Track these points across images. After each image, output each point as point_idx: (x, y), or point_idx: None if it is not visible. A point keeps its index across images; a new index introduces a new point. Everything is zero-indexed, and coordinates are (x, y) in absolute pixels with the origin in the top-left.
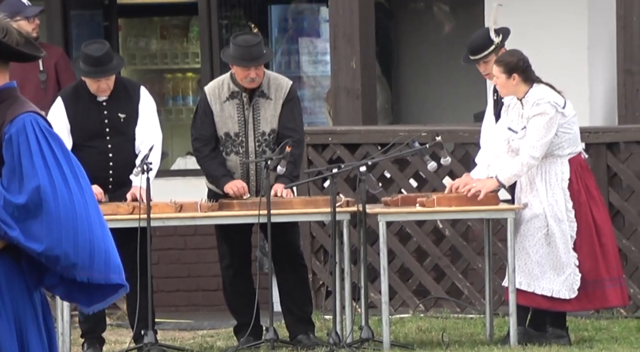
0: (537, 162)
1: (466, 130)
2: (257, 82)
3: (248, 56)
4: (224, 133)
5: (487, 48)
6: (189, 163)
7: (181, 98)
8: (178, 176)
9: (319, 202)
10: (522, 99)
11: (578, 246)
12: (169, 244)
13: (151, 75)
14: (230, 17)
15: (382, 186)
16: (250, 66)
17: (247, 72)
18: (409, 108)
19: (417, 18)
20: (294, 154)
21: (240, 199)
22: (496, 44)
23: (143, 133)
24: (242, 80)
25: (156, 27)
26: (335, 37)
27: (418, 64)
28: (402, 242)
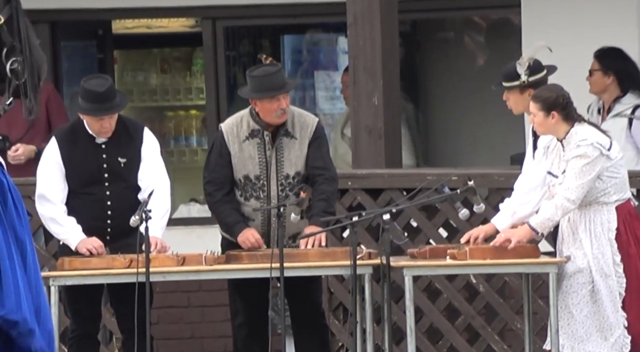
0: (573, 206)
1: (502, 174)
2: (286, 115)
3: (273, 85)
4: (243, 176)
5: (512, 80)
6: (192, 211)
7: (184, 138)
8: (180, 225)
9: (337, 254)
10: (562, 139)
11: (627, 305)
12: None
13: (150, 113)
14: (238, 49)
15: (408, 236)
16: (278, 95)
17: (276, 104)
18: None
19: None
20: (327, 192)
21: (256, 251)
22: (522, 81)
23: (148, 179)
24: (271, 114)
25: (156, 60)
26: (356, 70)
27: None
28: (431, 299)
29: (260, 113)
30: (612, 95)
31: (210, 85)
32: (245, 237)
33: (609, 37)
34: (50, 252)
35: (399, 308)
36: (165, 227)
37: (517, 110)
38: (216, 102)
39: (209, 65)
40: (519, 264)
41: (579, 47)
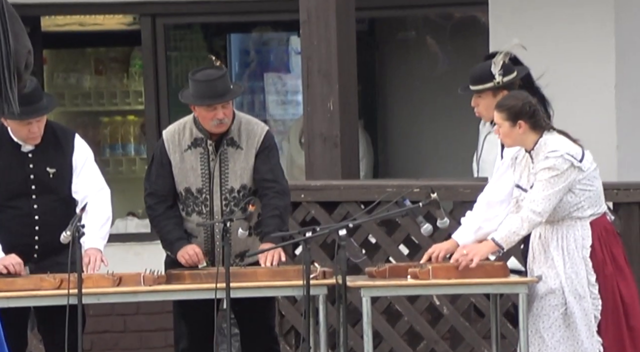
0: (539, 219)
1: (468, 186)
2: (226, 125)
3: (212, 93)
4: (184, 188)
5: (483, 82)
6: (130, 226)
7: (121, 146)
8: (117, 241)
9: (289, 273)
10: (531, 150)
11: (603, 329)
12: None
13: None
14: (180, 48)
15: (366, 254)
16: (216, 104)
17: (213, 113)
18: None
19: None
20: (279, 207)
21: (194, 269)
22: (496, 82)
23: (84, 190)
24: (208, 123)
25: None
26: (309, 72)
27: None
28: (391, 322)
29: (199, 120)
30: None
31: (150, 88)
32: (184, 251)
33: (583, 35)
34: None
35: (356, 332)
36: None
37: (488, 117)
38: (156, 107)
39: (148, 66)
40: (487, 284)
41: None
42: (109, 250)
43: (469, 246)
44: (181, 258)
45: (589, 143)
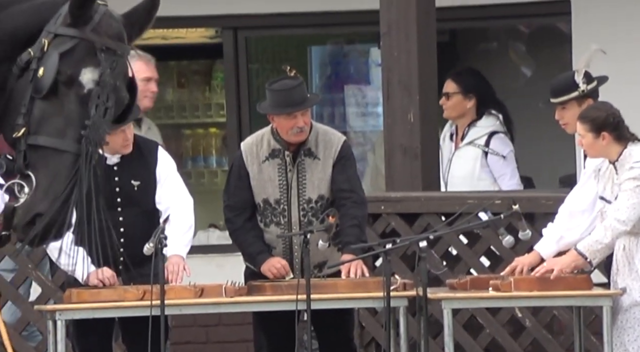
0: (623, 227)
1: (550, 198)
2: (305, 133)
3: (291, 101)
4: (262, 200)
5: (567, 92)
6: (211, 237)
7: (202, 159)
8: (199, 253)
9: (369, 284)
10: (615, 162)
11: None
12: (187, 337)
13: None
14: (261, 61)
15: (447, 265)
16: (295, 112)
17: (293, 121)
18: None
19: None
20: (358, 217)
21: (280, 281)
22: (581, 90)
23: (167, 201)
24: (288, 132)
25: (172, 73)
26: (389, 84)
27: None
28: (472, 334)
29: (278, 130)
30: (468, 120)
31: (232, 100)
32: (270, 264)
33: None
34: (57, 283)
35: (437, 344)
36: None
37: (574, 128)
38: (237, 119)
39: (230, 79)
40: (570, 296)
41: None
42: (191, 262)
43: (553, 259)
44: (268, 272)
45: None
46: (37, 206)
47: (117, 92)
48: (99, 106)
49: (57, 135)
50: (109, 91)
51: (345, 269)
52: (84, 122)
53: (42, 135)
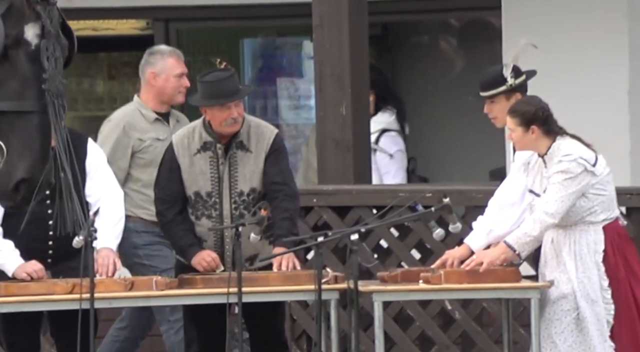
0: (551, 220)
1: (480, 191)
2: (239, 124)
3: (223, 92)
4: (194, 192)
5: (496, 86)
6: None
7: None
8: None
9: (300, 277)
10: (544, 155)
11: (617, 334)
12: None
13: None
14: (193, 53)
15: (378, 258)
16: (229, 102)
17: (226, 112)
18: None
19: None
20: (290, 210)
21: (211, 274)
22: (509, 85)
23: (97, 193)
24: (221, 123)
25: (103, 65)
26: (322, 77)
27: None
28: (403, 327)
29: (211, 122)
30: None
31: None
32: (200, 258)
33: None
34: None
35: (368, 337)
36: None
37: (503, 122)
38: None
39: None
40: (499, 288)
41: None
42: None
43: (482, 252)
44: (198, 265)
45: (603, 148)
46: (18, 172)
47: (60, 40)
48: (50, 58)
49: (17, 98)
50: (54, 41)
51: (277, 262)
52: (40, 78)
53: (1, 101)
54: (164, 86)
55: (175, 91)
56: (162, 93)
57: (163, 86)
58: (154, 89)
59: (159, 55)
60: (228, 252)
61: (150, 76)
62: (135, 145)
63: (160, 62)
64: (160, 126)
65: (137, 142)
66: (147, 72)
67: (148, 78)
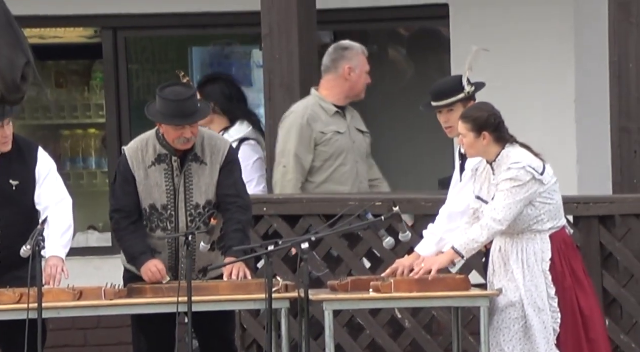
0: (499, 227)
1: (429, 200)
2: (192, 142)
3: (181, 112)
4: (149, 205)
5: (454, 95)
6: (90, 239)
7: (81, 160)
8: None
9: (251, 286)
10: (492, 162)
11: (563, 342)
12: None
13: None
14: (141, 62)
15: (329, 267)
16: (184, 124)
17: (180, 132)
18: None
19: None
20: (242, 222)
21: (161, 284)
22: (467, 92)
23: (46, 201)
24: (174, 141)
25: (50, 73)
26: (271, 86)
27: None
28: (353, 335)
29: (165, 137)
30: (219, 126)
31: (111, 101)
32: (147, 268)
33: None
34: None
35: (319, 346)
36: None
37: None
38: (117, 120)
39: (110, 79)
40: (449, 297)
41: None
42: (70, 264)
43: (430, 258)
44: (144, 275)
45: (550, 157)
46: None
47: None
48: None
49: None
50: None
51: (227, 271)
52: None
53: None
54: (357, 82)
55: (364, 87)
56: (353, 88)
57: (357, 82)
58: (347, 83)
59: (354, 51)
60: (182, 265)
61: (346, 71)
62: (317, 138)
63: (356, 58)
64: (340, 119)
65: (319, 135)
66: (344, 67)
67: (343, 73)
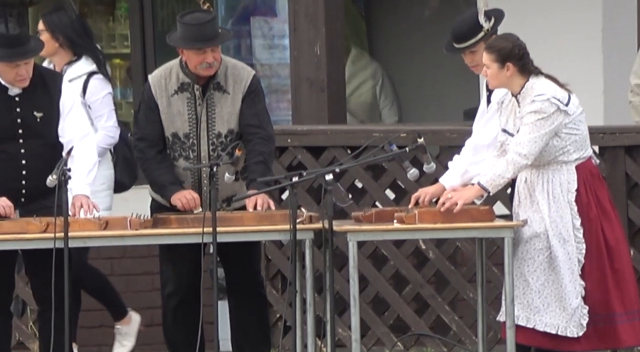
0: (524, 161)
1: (454, 131)
2: (214, 68)
3: (202, 36)
4: (172, 133)
5: (474, 35)
6: None
7: None
8: None
9: (275, 217)
10: (517, 95)
11: (587, 272)
12: None
13: None
14: None
15: (353, 198)
16: (206, 48)
17: (202, 56)
18: None
19: None
20: (264, 153)
21: (189, 214)
22: (486, 30)
23: (69, 134)
24: (197, 66)
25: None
26: (296, 16)
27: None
28: (377, 266)
29: (187, 63)
30: (63, 60)
31: (136, 31)
32: (181, 195)
33: None
34: None
35: (342, 276)
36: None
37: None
38: (142, 51)
39: (134, 9)
40: (473, 228)
41: None
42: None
43: (455, 189)
44: (177, 201)
45: (576, 87)
46: None
47: None
48: None
49: None
50: None
51: (251, 202)
52: None
53: None
54: None
55: None
56: None
57: None
58: None
59: None
60: (206, 193)
61: None
62: None
63: None
64: None
65: None
66: None
67: None
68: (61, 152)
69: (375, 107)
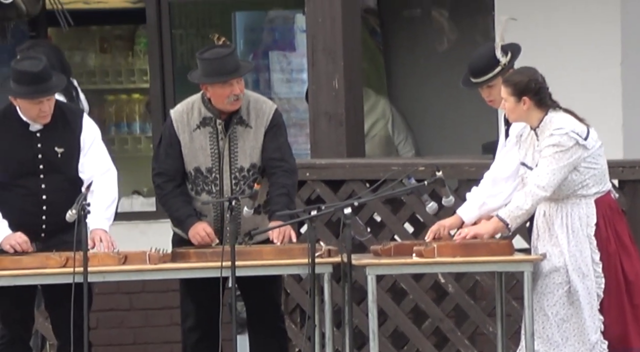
0: (543, 193)
1: (473, 164)
2: (241, 101)
3: (224, 69)
4: (194, 168)
5: (491, 69)
6: (135, 204)
7: (126, 125)
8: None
9: (294, 251)
10: (536, 128)
11: (606, 307)
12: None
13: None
14: (185, 27)
15: (371, 232)
16: (231, 79)
17: (229, 89)
18: None
19: (412, 26)
20: (287, 186)
21: (208, 247)
22: (503, 64)
23: (90, 170)
24: (224, 101)
25: (95, 39)
26: (314, 50)
27: (414, 82)
28: (396, 300)
29: (212, 99)
30: None
31: (155, 66)
32: (195, 231)
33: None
34: None
35: (361, 310)
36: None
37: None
38: (161, 85)
39: (153, 44)
40: (492, 262)
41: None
42: (114, 228)
43: (474, 226)
44: (193, 239)
45: (595, 121)
46: None
47: None
48: None
49: None
50: None
51: (274, 235)
52: None
53: None
54: None
55: None
56: None
57: None
58: None
59: None
60: (228, 228)
61: None
62: None
63: None
64: None
65: None
66: None
67: None
68: (81, 188)
69: (391, 144)
